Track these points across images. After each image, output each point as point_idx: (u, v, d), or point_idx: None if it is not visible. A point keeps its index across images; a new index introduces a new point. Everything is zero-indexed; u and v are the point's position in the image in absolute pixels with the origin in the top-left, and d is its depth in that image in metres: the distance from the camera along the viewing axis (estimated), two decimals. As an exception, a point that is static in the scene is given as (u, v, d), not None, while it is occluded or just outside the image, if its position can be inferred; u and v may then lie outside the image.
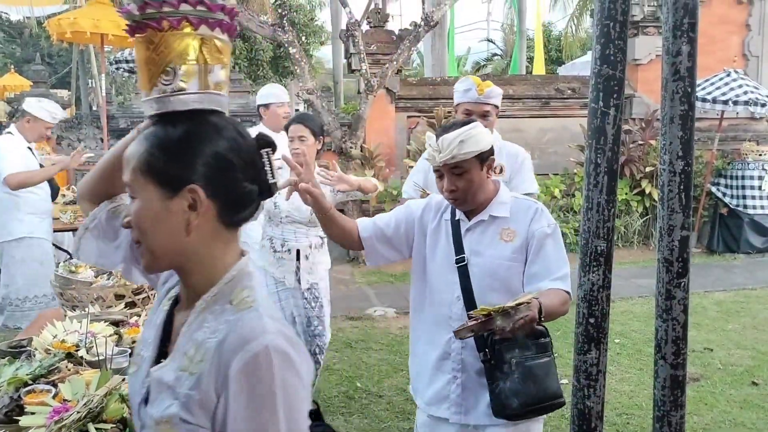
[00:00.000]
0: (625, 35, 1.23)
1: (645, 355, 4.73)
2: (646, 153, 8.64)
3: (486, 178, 2.11)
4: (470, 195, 2.09)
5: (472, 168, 2.05)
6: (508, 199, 2.16)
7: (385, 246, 2.26)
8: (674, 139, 1.26)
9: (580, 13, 18.13)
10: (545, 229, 2.08)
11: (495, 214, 2.13)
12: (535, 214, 2.11)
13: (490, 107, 2.96)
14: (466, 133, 2.01)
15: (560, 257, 2.08)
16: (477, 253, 2.11)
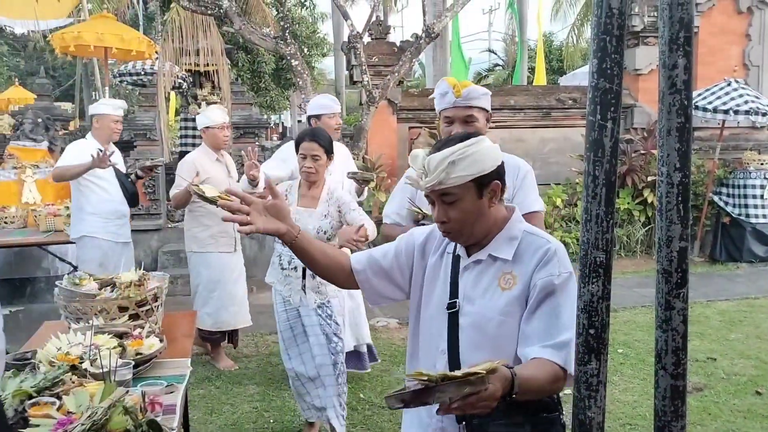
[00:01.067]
0: (622, 49, 1.25)
1: (648, 365, 4.73)
2: (648, 162, 8.66)
3: (488, 207, 1.71)
4: (466, 228, 1.71)
5: (466, 195, 1.67)
6: (518, 233, 1.74)
7: (382, 281, 1.89)
8: (671, 151, 1.27)
9: (581, 23, 18.23)
10: (552, 279, 1.64)
11: (496, 254, 1.72)
12: (545, 257, 1.68)
13: (475, 110, 2.51)
14: (460, 152, 1.64)
15: (564, 318, 1.61)
16: (470, 299, 1.73)
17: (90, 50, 7.80)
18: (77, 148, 4.78)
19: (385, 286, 1.90)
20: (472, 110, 2.51)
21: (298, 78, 7.58)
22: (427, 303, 1.83)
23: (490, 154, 1.69)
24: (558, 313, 1.63)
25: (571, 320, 1.48)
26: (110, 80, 9.21)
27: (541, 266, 1.67)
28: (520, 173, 2.60)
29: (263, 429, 3.88)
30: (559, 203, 8.55)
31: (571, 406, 1.38)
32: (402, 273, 1.88)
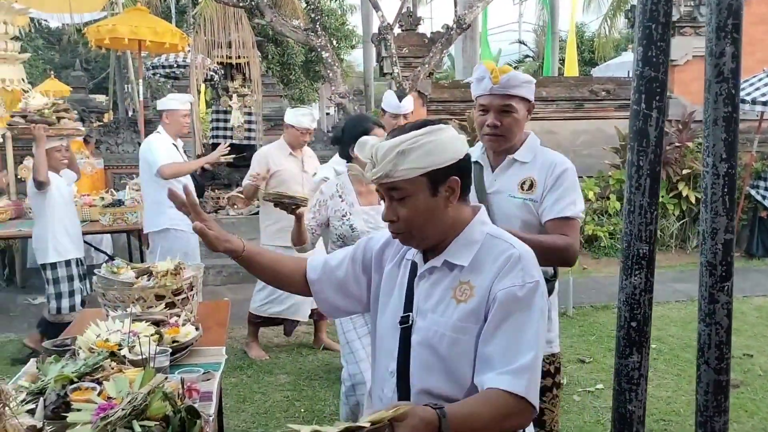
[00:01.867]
0: (668, 37, 1.22)
1: (682, 361, 4.66)
2: (683, 155, 8.50)
3: (444, 206, 1.47)
4: (417, 229, 1.48)
5: (417, 192, 1.44)
6: (479, 236, 1.50)
7: (338, 293, 1.69)
8: (717, 141, 1.25)
9: (613, 14, 17.92)
10: (515, 291, 1.39)
11: (453, 260, 1.49)
12: (506, 264, 1.43)
13: (514, 100, 2.25)
14: (411, 141, 1.41)
15: (528, 337, 1.37)
16: (422, 313, 1.50)
17: (124, 43, 7.89)
18: (163, 144, 4.88)
19: (340, 299, 1.70)
20: (511, 99, 2.25)
21: (328, 70, 7.59)
22: (381, 317, 1.62)
23: (450, 145, 1.45)
24: (520, 332, 1.37)
25: (535, 340, 1.36)
26: (143, 73, 9.33)
27: (503, 275, 1.41)
28: (554, 171, 2.26)
29: (294, 418, 3.91)
30: (591, 196, 8.44)
31: (610, 400, 1.37)
32: (358, 283, 1.68)
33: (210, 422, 1.92)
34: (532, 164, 2.30)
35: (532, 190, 2.26)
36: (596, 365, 4.62)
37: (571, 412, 3.90)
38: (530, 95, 2.29)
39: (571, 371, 4.51)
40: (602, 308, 5.97)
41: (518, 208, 2.26)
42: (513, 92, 2.24)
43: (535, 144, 2.36)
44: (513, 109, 2.26)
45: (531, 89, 2.30)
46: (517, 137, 2.32)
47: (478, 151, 2.41)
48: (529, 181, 2.27)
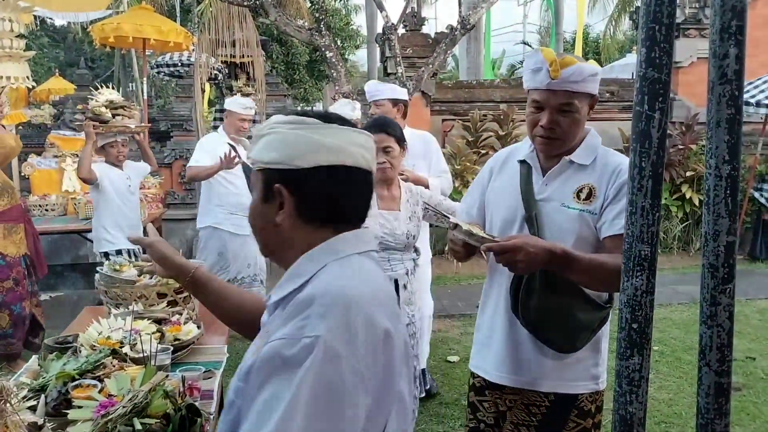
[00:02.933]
0: (671, 38, 1.22)
1: (684, 363, 4.65)
2: (687, 157, 8.49)
3: (275, 220, 1.17)
4: (257, 234, 1.25)
5: (255, 189, 1.23)
6: (304, 271, 1.15)
7: None
8: (720, 143, 1.25)
9: (618, 15, 17.91)
10: (280, 347, 1.01)
11: (274, 296, 1.19)
12: (293, 309, 1.07)
13: (576, 98, 1.90)
14: (268, 126, 1.18)
15: (271, 416, 0.95)
16: None
17: (129, 41, 7.91)
18: (208, 142, 5.01)
19: None
20: (573, 97, 1.89)
21: (332, 70, 7.59)
22: None
23: (305, 146, 1.13)
24: (268, 409, 0.96)
25: (284, 424, 0.93)
26: (148, 71, 9.34)
27: (284, 322, 1.06)
28: (619, 178, 1.90)
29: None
30: (594, 198, 8.44)
31: (611, 401, 1.37)
32: None
33: (211, 420, 1.92)
34: (592, 168, 1.96)
35: (590, 199, 1.91)
36: (598, 367, 4.61)
37: (572, 414, 3.89)
38: (595, 89, 1.94)
39: (573, 373, 4.51)
40: (604, 310, 5.97)
41: (573, 221, 1.92)
42: (576, 88, 1.87)
43: (595, 143, 2.02)
44: (574, 108, 1.90)
45: (596, 82, 1.93)
46: (576, 139, 1.99)
47: (526, 149, 2.07)
48: (588, 188, 1.92)
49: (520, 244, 1.71)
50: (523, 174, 2.04)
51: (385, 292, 1.18)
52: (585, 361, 2.02)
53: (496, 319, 2.08)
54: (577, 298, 1.89)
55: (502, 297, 2.04)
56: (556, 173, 2.00)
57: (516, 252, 1.70)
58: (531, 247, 1.71)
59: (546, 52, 1.91)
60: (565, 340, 1.93)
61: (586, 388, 2.05)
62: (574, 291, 1.88)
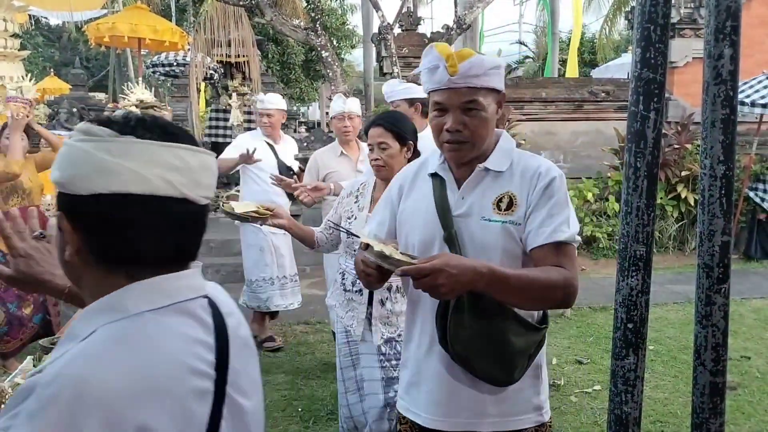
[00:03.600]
0: (666, 39, 1.22)
1: (680, 362, 4.66)
2: (682, 157, 8.51)
3: (74, 257, 0.95)
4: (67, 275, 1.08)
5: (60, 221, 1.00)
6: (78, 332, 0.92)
7: None
8: (715, 143, 1.25)
9: (613, 15, 17.95)
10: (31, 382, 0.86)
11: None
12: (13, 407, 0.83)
13: (480, 94, 1.69)
14: (70, 141, 0.95)
15: None
16: None
17: (124, 41, 7.91)
18: (241, 139, 5.06)
19: None
20: (476, 93, 1.68)
21: (328, 69, 7.59)
22: None
23: (95, 165, 0.90)
24: None
25: None
26: (143, 71, 9.32)
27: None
28: (539, 182, 1.72)
29: (292, 417, 3.91)
30: (590, 197, 8.46)
31: (606, 401, 1.37)
32: None
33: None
34: (509, 174, 1.76)
35: (512, 209, 1.71)
36: (594, 366, 4.62)
37: (568, 413, 3.90)
38: (500, 84, 1.74)
39: (569, 372, 4.51)
40: (600, 309, 5.98)
41: (496, 235, 1.71)
42: (478, 83, 1.68)
43: (509, 147, 1.82)
44: (479, 105, 1.69)
45: (500, 76, 1.74)
46: (486, 141, 1.76)
47: (436, 160, 1.86)
48: (508, 197, 1.72)
49: (439, 265, 1.48)
50: (436, 188, 1.81)
51: (172, 369, 0.88)
52: (525, 392, 1.81)
53: (423, 353, 1.83)
54: (510, 321, 1.69)
55: (427, 328, 1.80)
56: (471, 184, 1.77)
57: (436, 275, 1.48)
58: (453, 267, 1.48)
59: (440, 48, 1.70)
60: (502, 371, 1.72)
61: (530, 421, 1.82)
62: (505, 313, 1.68)
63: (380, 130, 2.67)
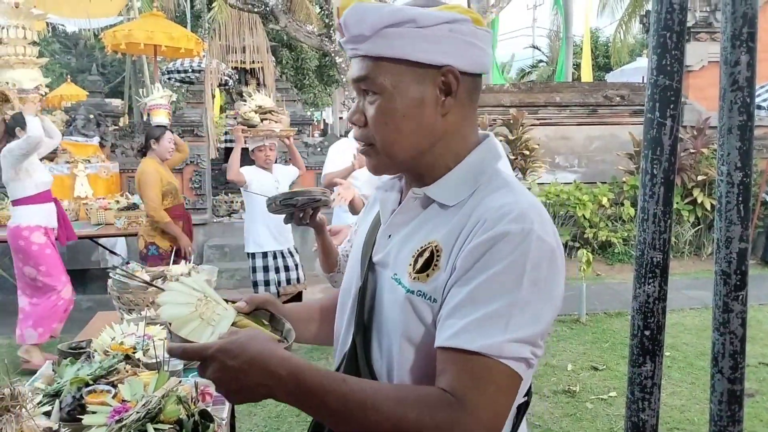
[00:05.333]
0: (682, 45, 1.22)
1: (696, 369, 4.62)
2: (698, 161, 8.45)
3: None
4: None
5: None
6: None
7: None
8: (732, 149, 1.25)
9: (628, 19, 17.85)
10: None
11: None
12: None
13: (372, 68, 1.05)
14: None
15: None
16: None
17: (140, 48, 7.98)
18: (337, 148, 4.98)
19: None
20: (366, 67, 1.06)
21: (341, 75, 7.61)
22: None
23: None
24: None
25: None
26: (159, 77, 9.41)
27: None
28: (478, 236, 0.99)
29: (306, 422, 3.91)
30: (605, 202, 8.41)
31: (623, 408, 1.37)
32: None
33: (223, 426, 1.93)
34: (458, 212, 1.06)
35: (430, 271, 1.03)
36: (609, 372, 4.59)
37: (584, 420, 3.88)
38: (416, 51, 1.02)
39: (584, 378, 4.49)
40: (616, 315, 5.94)
41: (400, 309, 1.06)
42: (367, 51, 1.05)
43: (481, 167, 1.09)
44: (374, 85, 1.06)
45: (414, 37, 1.02)
46: (410, 146, 1.08)
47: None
48: (430, 251, 1.04)
49: (213, 352, 0.97)
50: (379, 213, 1.24)
51: None
52: None
53: None
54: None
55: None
56: (402, 218, 1.14)
57: (206, 365, 0.98)
58: (234, 358, 0.95)
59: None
60: None
61: None
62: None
63: None
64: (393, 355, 1.06)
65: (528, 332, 0.94)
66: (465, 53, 1.03)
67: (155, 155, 4.99)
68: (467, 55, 1.04)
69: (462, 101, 1.06)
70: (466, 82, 1.05)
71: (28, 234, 4.72)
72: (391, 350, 1.06)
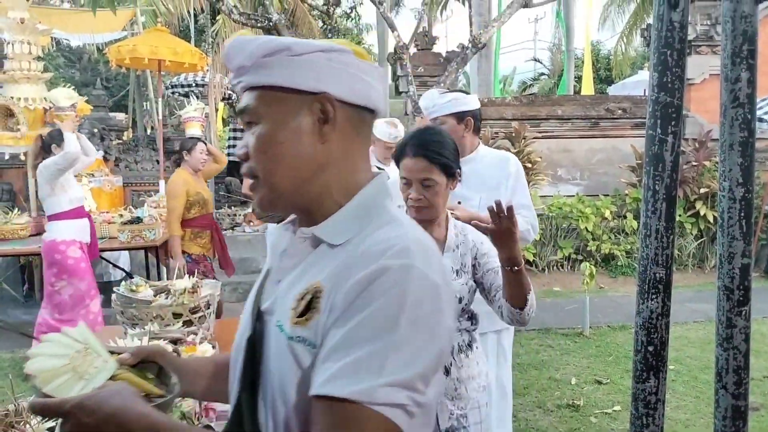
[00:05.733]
0: (683, 62, 1.23)
1: (701, 383, 4.60)
2: (700, 174, 8.45)
3: None
4: None
5: None
6: None
7: None
8: (734, 165, 1.26)
9: (629, 32, 17.93)
10: None
11: None
12: None
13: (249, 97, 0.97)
14: None
15: None
16: None
17: (144, 62, 8.03)
18: None
19: None
20: (247, 95, 1.07)
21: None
22: None
23: None
24: None
25: None
26: (162, 91, 9.46)
27: None
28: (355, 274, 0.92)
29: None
30: (608, 215, 8.41)
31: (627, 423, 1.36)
32: None
33: (226, 441, 1.93)
34: (344, 251, 0.99)
35: (309, 315, 0.96)
36: (613, 386, 4.58)
37: (587, 434, 3.86)
38: (290, 77, 1.01)
39: (588, 392, 4.47)
40: (620, 328, 5.93)
41: (282, 357, 0.98)
42: (250, 81, 1.04)
43: (371, 201, 1.05)
44: (256, 114, 1.04)
45: (288, 64, 1.00)
46: (290, 175, 1.03)
47: None
48: (311, 293, 0.97)
49: (68, 408, 0.93)
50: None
51: None
52: None
53: None
54: None
55: None
56: (290, 261, 1.07)
57: (65, 420, 0.94)
58: (88, 415, 0.92)
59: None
60: None
61: None
62: None
63: (423, 163, 1.97)
64: (278, 409, 0.98)
65: (404, 375, 0.86)
66: (343, 82, 1.01)
67: (188, 166, 5.10)
68: (346, 83, 1.02)
69: (345, 131, 1.03)
70: (348, 111, 1.03)
71: (65, 248, 4.81)
72: (275, 405, 0.98)
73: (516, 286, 1.79)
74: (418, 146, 2.00)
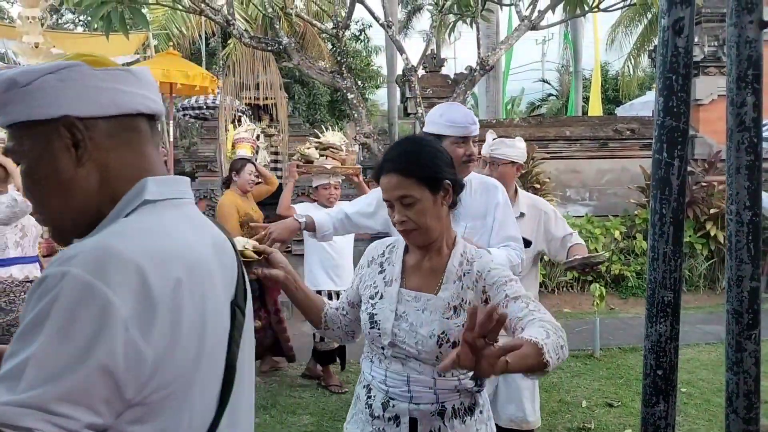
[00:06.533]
0: (689, 87, 1.25)
1: (713, 406, 4.54)
2: (710, 194, 8.42)
3: None
4: None
5: None
6: None
7: None
8: (741, 189, 1.26)
9: (637, 53, 18.01)
10: None
11: None
12: None
13: None
14: None
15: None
16: None
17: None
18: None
19: None
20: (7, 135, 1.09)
21: (353, 111, 7.71)
22: None
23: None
24: None
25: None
26: (173, 113, 9.56)
27: None
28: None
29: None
30: (617, 236, 8.38)
31: (638, 448, 1.36)
32: None
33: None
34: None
35: None
36: (625, 409, 4.53)
37: (599, 458, 3.82)
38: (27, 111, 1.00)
39: (599, 415, 4.42)
40: (630, 350, 5.88)
41: None
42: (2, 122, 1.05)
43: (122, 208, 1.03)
44: (16, 154, 1.05)
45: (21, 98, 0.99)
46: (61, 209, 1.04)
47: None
48: None
49: None
50: None
51: None
52: None
53: None
54: None
55: None
56: None
57: None
58: None
59: None
60: None
61: None
62: None
63: (396, 179, 1.70)
64: None
65: (38, 393, 0.77)
66: (84, 98, 0.97)
67: (236, 187, 5.09)
68: (88, 99, 0.97)
69: (106, 147, 0.99)
70: (103, 125, 0.98)
71: None
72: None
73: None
74: (389, 161, 1.74)
